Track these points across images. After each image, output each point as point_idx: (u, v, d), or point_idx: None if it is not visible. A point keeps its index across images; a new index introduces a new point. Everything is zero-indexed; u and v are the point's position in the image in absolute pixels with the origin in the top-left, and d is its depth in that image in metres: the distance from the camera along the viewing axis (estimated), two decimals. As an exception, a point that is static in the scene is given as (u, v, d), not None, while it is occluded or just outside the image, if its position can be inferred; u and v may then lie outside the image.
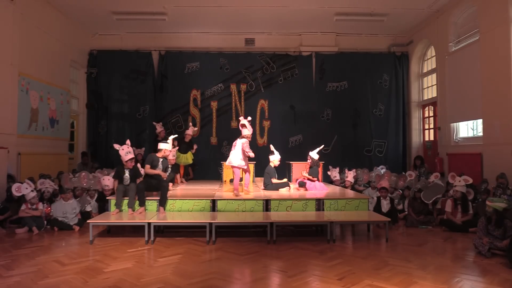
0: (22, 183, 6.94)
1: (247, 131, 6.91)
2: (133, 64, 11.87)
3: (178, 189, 7.97)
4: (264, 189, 7.66)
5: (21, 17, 8.38)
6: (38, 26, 9.16)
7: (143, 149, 10.69)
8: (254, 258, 5.00)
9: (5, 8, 7.86)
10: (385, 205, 7.24)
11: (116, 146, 6.64)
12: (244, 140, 6.93)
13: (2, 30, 7.82)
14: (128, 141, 6.83)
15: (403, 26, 11.53)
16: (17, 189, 6.75)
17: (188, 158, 9.30)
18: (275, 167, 7.82)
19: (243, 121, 6.99)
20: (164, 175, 6.70)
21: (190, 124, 10.66)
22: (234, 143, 7.09)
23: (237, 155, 6.88)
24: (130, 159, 6.56)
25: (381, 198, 7.32)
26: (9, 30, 8.01)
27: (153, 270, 4.53)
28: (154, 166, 6.62)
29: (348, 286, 3.99)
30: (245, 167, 7.00)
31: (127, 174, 6.57)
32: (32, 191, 6.76)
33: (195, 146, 9.61)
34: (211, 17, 10.74)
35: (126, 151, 6.57)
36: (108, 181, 7.29)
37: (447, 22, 10.05)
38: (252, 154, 6.88)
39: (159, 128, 10.17)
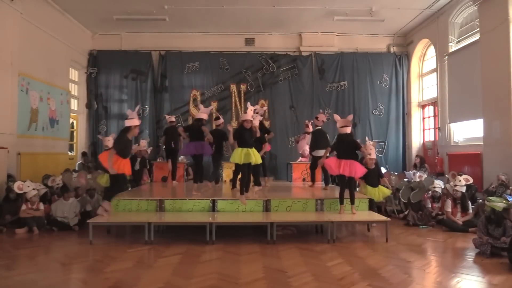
0: (24, 181, 6.94)
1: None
2: (133, 64, 11.87)
3: (177, 187, 7.95)
4: None
5: (21, 17, 8.38)
6: (38, 26, 9.15)
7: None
8: (254, 258, 5.00)
9: (5, 8, 7.85)
10: None
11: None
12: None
13: (2, 30, 7.82)
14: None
15: (403, 26, 11.53)
16: (19, 187, 6.74)
17: (253, 155, 6.31)
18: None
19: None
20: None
21: (249, 105, 7.27)
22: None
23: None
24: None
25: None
26: (9, 30, 8.01)
27: (153, 270, 4.52)
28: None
29: (348, 286, 3.99)
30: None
31: None
32: (33, 189, 6.76)
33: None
34: (211, 17, 10.75)
35: None
36: (108, 141, 7.20)
37: (447, 22, 10.05)
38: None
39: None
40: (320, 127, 7.82)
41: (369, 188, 6.66)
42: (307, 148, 8.78)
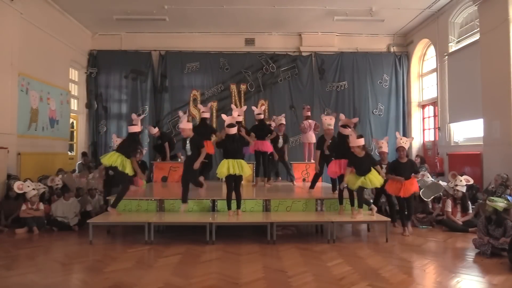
0: (24, 181, 6.95)
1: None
2: (133, 64, 11.86)
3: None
4: None
5: (21, 17, 8.37)
6: (38, 26, 9.15)
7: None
8: (254, 258, 5.00)
9: (5, 8, 7.85)
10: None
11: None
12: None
13: (2, 30, 7.82)
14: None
15: (403, 26, 11.53)
16: (19, 187, 6.75)
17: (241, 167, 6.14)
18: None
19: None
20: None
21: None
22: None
23: None
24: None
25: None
26: (9, 30, 8.01)
27: (153, 270, 4.52)
28: None
29: (348, 286, 3.99)
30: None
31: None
32: (33, 189, 6.77)
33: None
34: (211, 17, 10.74)
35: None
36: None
37: (447, 22, 10.05)
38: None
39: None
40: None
41: (352, 178, 6.04)
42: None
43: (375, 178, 5.98)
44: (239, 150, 6.22)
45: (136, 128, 6.31)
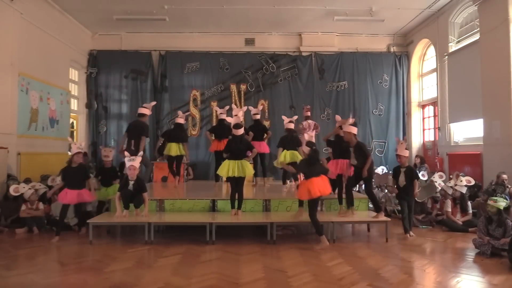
0: (19, 184, 6.95)
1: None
2: (133, 64, 11.87)
3: (179, 188, 7.95)
4: None
5: (21, 17, 8.37)
6: (38, 26, 9.15)
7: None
8: (254, 258, 5.00)
9: (5, 8, 7.85)
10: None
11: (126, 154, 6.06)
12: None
13: (2, 30, 7.82)
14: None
15: (403, 26, 11.53)
16: (15, 190, 6.75)
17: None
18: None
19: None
20: None
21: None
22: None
23: None
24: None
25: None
26: (9, 30, 8.01)
27: (153, 270, 4.52)
28: None
29: (348, 286, 3.99)
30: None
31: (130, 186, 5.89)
32: (29, 189, 6.76)
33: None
34: (211, 17, 10.75)
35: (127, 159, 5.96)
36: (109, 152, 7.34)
37: (447, 22, 10.05)
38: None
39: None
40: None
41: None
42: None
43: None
44: (243, 151, 6.17)
45: (181, 120, 7.80)
